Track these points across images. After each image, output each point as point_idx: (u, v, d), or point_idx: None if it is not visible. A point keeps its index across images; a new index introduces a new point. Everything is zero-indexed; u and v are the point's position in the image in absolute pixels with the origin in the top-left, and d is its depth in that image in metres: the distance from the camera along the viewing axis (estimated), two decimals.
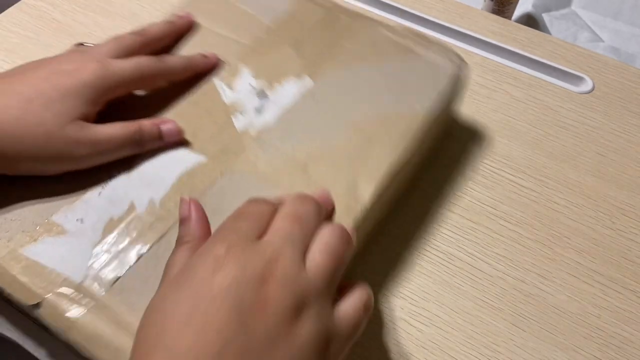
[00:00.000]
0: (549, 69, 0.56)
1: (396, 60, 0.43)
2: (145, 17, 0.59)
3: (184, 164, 0.37)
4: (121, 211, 0.35)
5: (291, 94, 0.41)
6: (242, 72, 0.42)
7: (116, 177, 0.36)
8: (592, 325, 0.40)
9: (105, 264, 0.33)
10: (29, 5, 0.60)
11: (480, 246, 0.43)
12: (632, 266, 0.43)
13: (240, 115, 0.40)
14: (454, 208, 0.45)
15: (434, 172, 0.47)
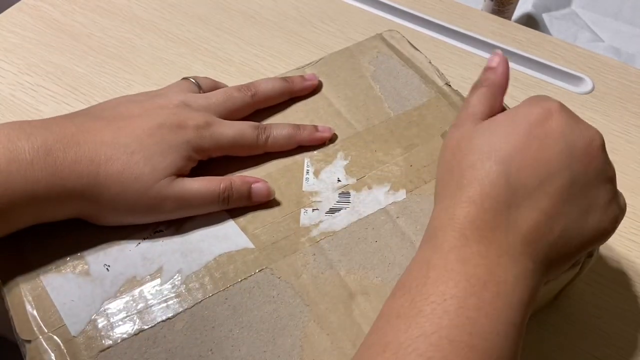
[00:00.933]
0: (548, 69, 0.56)
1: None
2: (145, 17, 0.59)
3: (229, 244, 0.34)
4: (146, 273, 0.32)
5: (376, 204, 0.36)
6: (337, 161, 0.38)
7: (161, 232, 0.34)
8: (592, 325, 0.40)
9: (104, 327, 0.31)
10: (29, 5, 0.60)
11: None
12: (632, 266, 0.43)
13: (310, 210, 0.35)
14: None
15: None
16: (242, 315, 0.31)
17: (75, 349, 0.30)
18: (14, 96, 0.52)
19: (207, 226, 0.34)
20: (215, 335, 0.31)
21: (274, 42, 0.58)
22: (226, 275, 0.33)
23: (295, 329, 0.31)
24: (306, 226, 0.35)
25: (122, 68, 0.55)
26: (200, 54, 0.56)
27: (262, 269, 0.33)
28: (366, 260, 0.33)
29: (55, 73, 0.54)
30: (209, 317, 0.31)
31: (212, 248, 0.33)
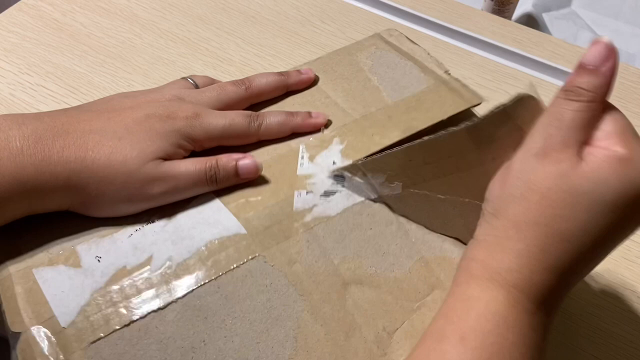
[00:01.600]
0: (549, 69, 0.56)
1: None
2: (145, 16, 0.59)
3: (220, 229, 0.33)
4: (136, 262, 0.32)
5: (369, 191, 0.35)
6: (332, 146, 0.37)
7: (153, 222, 0.33)
8: (592, 325, 0.40)
9: (95, 318, 0.30)
10: (29, 5, 0.60)
11: None
12: (632, 266, 0.43)
13: (304, 193, 0.34)
14: None
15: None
16: (235, 305, 0.31)
17: (65, 340, 0.30)
18: (14, 96, 0.52)
19: (199, 213, 0.34)
20: (207, 325, 0.30)
21: (274, 42, 0.58)
22: (218, 262, 0.32)
23: (289, 319, 0.31)
24: (300, 210, 0.34)
25: (122, 68, 0.55)
26: (200, 54, 0.56)
27: (255, 256, 0.32)
28: (360, 248, 0.33)
29: (55, 73, 0.54)
30: (201, 307, 0.31)
31: (203, 234, 0.33)
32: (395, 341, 0.31)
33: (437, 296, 0.32)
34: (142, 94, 0.37)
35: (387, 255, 0.33)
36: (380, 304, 0.32)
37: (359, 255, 0.33)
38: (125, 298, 0.31)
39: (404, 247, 0.33)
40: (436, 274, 0.33)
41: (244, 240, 0.33)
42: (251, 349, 0.30)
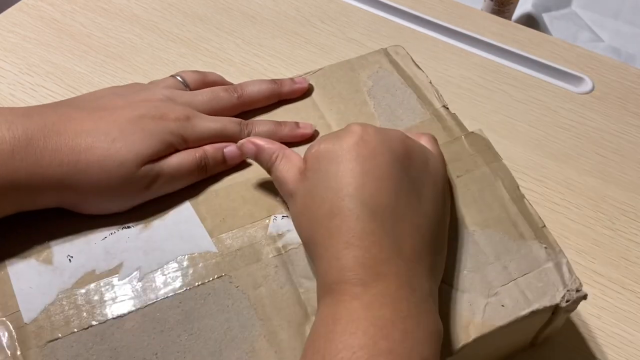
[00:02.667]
0: (549, 69, 0.56)
1: (498, 243, 0.34)
2: (145, 17, 0.59)
3: (192, 246, 0.33)
4: (106, 268, 0.32)
5: None
6: None
7: (128, 228, 0.34)
8: (592, 325, 0.40)
9: (56, 318, 0.30)
10: (29, 5, 0.60)
11: None
12: (632, 266, 0.43)
13: (280, 217, 0.34)
14: None
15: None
16: (194, 322, 0.31)
17: (25, 336, 0.30)
18: (14, 96, 0.52)
19: (175, 225, 0.34)
20: (162, 339, 0.30)
21: (274, 42, 0.58)
22: (184, 277, 0.32)
23: (244, 342, 0.30)
24: (273, 235, 0.33)
25: (122, 68, 0.55)
26: (200, 54, 0.56)
27: (221, 275, 0.32)
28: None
29: (55, 73, 0.54)
30: (160, 319, 0.31)
31: (174, 248, 0.33)
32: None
33: None
34: (133, 92, 0.36)
35: None
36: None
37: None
38: (88, 302, 0.31)
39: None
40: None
41: (214, 258, 0.33)
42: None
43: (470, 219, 0.35)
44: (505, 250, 0.33)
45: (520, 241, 0.34)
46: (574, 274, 0.33)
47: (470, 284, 0.32)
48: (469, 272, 0.33)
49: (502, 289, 0.32)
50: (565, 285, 0.32)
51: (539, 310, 0.32)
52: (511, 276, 0.33)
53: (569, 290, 0.32)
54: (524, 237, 0.34)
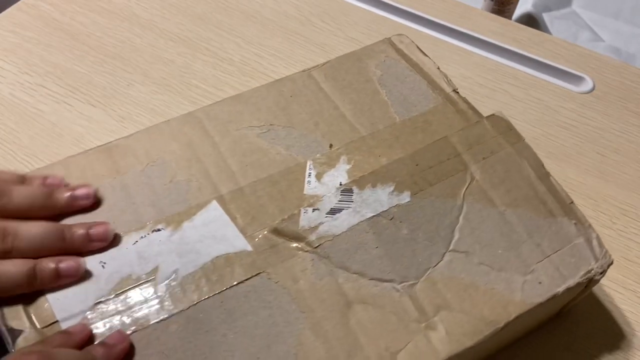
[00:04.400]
0: (549, 68, 0.56)
1: (526, 218, 0.35)
2: (145, 16, 0.59)
3: (227, 246, 0.33)
4: (142, 272, 0.32)
5: (378, 205, 0.34)
6: (339, 165, 0.36)
7: (159, 231, 0.33)
8: (592, 325, 0.40)
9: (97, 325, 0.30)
10: (29, 5, 0.60)
11: None
12: (632, 266, 0.43)
13: (311, 210, 0.34)
14: None
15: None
16: (237, 320, 0.31)
17: None
18: (14, 95, 0.52)
19: (205, 226, 0.34)
20: (209, 339, 0.30)
21: (274, 41, 0.58)
22: (223, 278, 0.32)
23: (290, 336, 0.30)
24: (305, 228, 0.34)
25: (121, 67, 0.55)
26: (200, 53, 0.56)
27: (259, 272, 0.32)
28: (365, 267, 0.32)
29: (55, 72, 0.54)
30: (204, 320, 0.31)
31: (209, 249, 0.33)
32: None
33: (444, 317, 0.31)
34: None
35: (393, 274, 0.32)
36: (384, 324, 0.31)
37: (364, 274, 0.32)
38: (128, 308, 0.31)
39: (411, 266, 0.33)
40: (442, 294, 0.32)
41: (250, 257, 0.33)
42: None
43: (499, 199, 0.35)
44: (537, 228, 0.34)
45: (550, 218, 0.35)
46: (604, 247, 0.34)
47: (506, 262, 0.33)
48: (504, 251, 0.33)
49: (537, 266, 0.33)
50: (596, 259, 0.34)
51: (576, 285, 0.33)
52: (545, 253, 0.33)
53: (601, 263, 0.34)
54: (554, 214, 0.35)
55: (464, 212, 0.35)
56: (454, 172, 0.36)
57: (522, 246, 0.34)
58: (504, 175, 0.36)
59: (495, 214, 0.35)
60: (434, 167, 0.36)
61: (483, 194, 0.35)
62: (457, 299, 0.32)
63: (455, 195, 0.35)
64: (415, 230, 0.34)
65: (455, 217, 0.34)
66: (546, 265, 0.33)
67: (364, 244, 0.33)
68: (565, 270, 0.33)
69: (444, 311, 0.31)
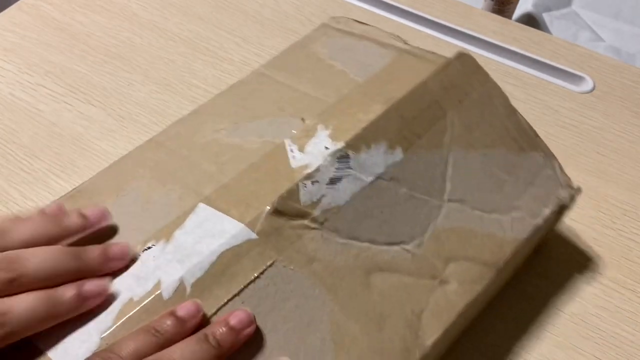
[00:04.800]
0: (549, 68, 0.56)
1: (502, 157, 0.36)
2: (145, 16, 0.59)
3: (229, 239, 0.30)
4: (143, 291, 0.28)
5: (376, 167, 0.33)
6: (319, 133, 0.35)
7: (150, 248, 0.30)
8: (592, 325, 0.40)
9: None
10: (29, 5, 0.60)
11: None
12: (632, 266, 0.43)
13: (309, 182, 0.32)
14: None
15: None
16: (265, 318, 0.29)
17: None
18: (14, 95, 0.52)
19: (198, 227, 0.31)
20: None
21: (274, 41, 0.58)
22: (235, 276, 0.29)
23: (321, 322, 0.29)
24: (308, 204, 0.31)
25: (121, 67, 0.55)
26: (200, 53, 0.56)
27: (272, 262, 0.30)
28: (374, 235, 0.32)
29: (54, 72, 0.54)
30: None
31: (211, 247, 0.30)
32: (425, 322, 0.31)
33: (453, 269, 0.32)
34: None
35: (401, 236, 0.32)
36: (403, 288, 0.31)
37: (374, 241, 0.32)
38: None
39: (415, 225, 0.33)
40: (447, 247, 0.32)
41: (257, 246, 0.30)
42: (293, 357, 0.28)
43: (478, 142, 0.36)
44: (513, 166, 0.35)
45: (522, 154, 0.36)
46: (564, 171, 0.37)
47: (495, 204, 0.34)
48: (491, 193, 0.34)
49: (519, 203, 0.35)
50: (562, 185, 0.36)
51: (552, 214, 0.35)
52: (523, 189, 0.35)
53: (567, 188, 0.36)
54: (524, 149, 0.36)
55: (451, 161, 0.35)
56: (435, 119, 0.36)
57: (504, 185, 0.35)
58: (479, 118, 0.36)
59: (478, 158, 0.35)
60: (417, 117, 0.35)
61: (464, 139, 0.35)
62: (460, 249, 0.32)
63: (440, 144, 0.35)
64: (413, 187, 0.34)
65: (444, 167, 0.34)
66: (525, 200, 0.35)
67: (369, 210, 0.32)
68: (541, 201, 0.35)
69: (452, 263, 0.32)
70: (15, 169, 0.47)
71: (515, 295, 0.41)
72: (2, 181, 0.46)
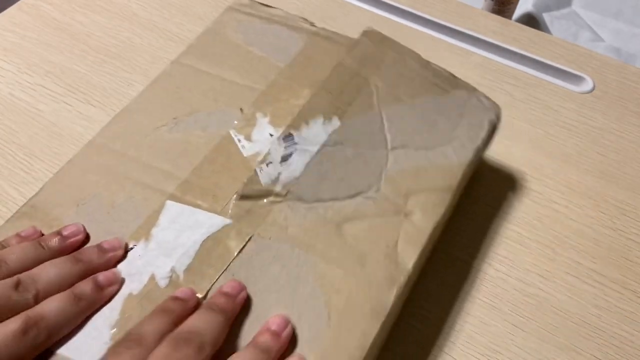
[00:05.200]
0: (549, 68, 0.56)
1: (430, 102, 0.40)
2: (145, 16, 0.59)
3: (207, 227, 0.34)
4: (140, 285, 0.32)
5: (319, 137, 0.37)
6: (259, 121, 0.38)
7: (132, 249, 0.33)
8: (592, 325, 0.40)
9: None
10: (29, 5, 0.60)
11: (481, 247, 0.43)
12: (632, 266, 0.43)
13: (264, 166, 0.36)
14: (454, 208, 0.45)
15: None
16: (256, 284, 0.32)
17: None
18: (14, 95, 0.52)
19: (173, 223, 0.34)
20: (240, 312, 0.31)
21: None
22: (221, 256, 0.33)
23: (308, 274, 0.32)
24: (269, 183, 0.35)
25: (121, 67, 0.55)
26: None
27: (250, 237, 0.33)
28: (335, 192, 0.35)
29: (54, 72, 0.54)
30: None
31: (192, 238, 0.33)
32: (401, 250, 0.34)
33: (414, 201, 0.36)
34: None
35: (359, 188, 0.36)
36: (374, 229, 0.34)
37: (337, 198, 0.35)
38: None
39: (369, 175, 0.37)
40: (403, 185, 0.36)
41: (233, 228, 0.34)
42: (290, 312, 0.31)
43: (404, 95, 0.40)
44: (440, 105, 0.40)
45: (446, 94, 0.41)
46: (486, 96, 0.42)
47: (434, 141, 0.39)
48: (428, 133, 0.39)
49: (456, 133, 0.39)
50: (488, 108, 0.41)
51: (487, 134, 0.40)
52: (457, 121, 0.40)
53: (493, 109, 0.41)
54: (447, 90, 0.41)
55: (385, 116, 0.39)
56: (360, 87, 0.40)
57: (438, 123, 0.39)
58: (398, 76, 0.41)
59: (407, 108, 0.40)
60: (344, 89, 0.40)
61: (391, 96, 0.40)
62: (415, 184, 0.36)
63: (371, 105, 0.39)
64: (357, 145, 0.37)
65: (381, 122, 0.39)
66: (461, 130, 0.39)
67: (324, 174, 0.36)
68: (475, 127, 0.40)
69: (411, 197, 0.36)
70: (15, 169, 0.47)
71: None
72: (2, 181, 0.46)
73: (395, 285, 0.33)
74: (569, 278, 0.42)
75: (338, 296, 0.32)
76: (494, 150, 0.49)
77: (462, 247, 0.43)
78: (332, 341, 0.30)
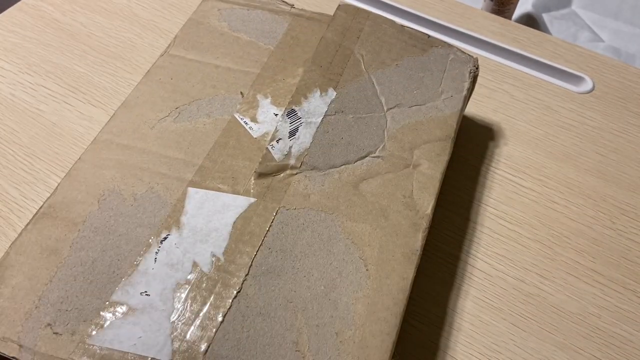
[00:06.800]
0: (549, 69, 0.56)
1: (412, 62, 0.43)
2: (145, 16, 0.59)
3: (234, 209, 0.35)
4: (185, 274, 0.32)
5: (320, 108, 0.40)
6: (261, 102, 0.40)
7: (167, 239, 0.34)
8: (592, 325, 0.40)
9: (190, 335, 0.30)
10: (29, 5, 0.60)
11: (480, 246, 0.43)
12: (632, 266, 0.43)
13: (275, 143, 0.38)
14: (454, 208, 0.45)
15: None
16: (293, 251, 0.34)
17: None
18: (14, 95, 0.52)
19: (200, 209, 0.35)
20: (285, 279, 0.33)
21: None
22: (253, 233, 0.34)
23: (338, 233, 0.34)
24: (282, 158, 0.37)
25: (122, 67, 0.55)
26: None
27: (277, 210, 0.35)
28: (345, 157, 0.38)
29: (55, 72, 0.54)
30: (269, 269, 0.33)
31: (222, 221, 0.34)
32: (417, 198, 0.36)
33: (418, 154, 0.38)
34: None
35: (366, 149, 0.38)
36: (388, 183, 0.37)
37: (348, 161, 0.38)
38: (203, 304, 0.31)
39: (373, 136, 0.39)
40: (406, 140, 0.39)
41: (259, 205, 0.35)
42: (330, 272, 0.33)
43: (388, 59, 0.43)
44: (423, 64, 0.43)
45: (425, 54, 0.44)
46: (462, 50, 0.45)
47: (424, 96, 0.41)
48: (417, 90, 0.42)
49: (443, 87, 0.42)
50: (467, 61, 0.44)
51: (470, 84, 0.43)
52: (441, 75, 0.43)
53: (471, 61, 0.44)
54: (425, 49, 0.44)
55: (375, 81, 0.42)
56: (347, 57, 0.43)
57: (424, 80, 0.42)
58: (378, 42, 0.44)
59: (393, 70, 0.43)
60: (332, 62, 0.42)
61: (376, 62, 0.43)
62: (416, 138, 0.39)
63: (360, 72, 0.42)
64: (355, 111, 0.40)
65: (372, 87, 0.41)
66: (447, 83, 0.42)
67: (331, 141, 0.38)
68: (458, 79, 0.43)
69: (416, 150, 0.39)
70: (16, 169, 0.47)
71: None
72: (2, 181, 0.46)
73: (420, 230, 0.35)
74: (569, 278, 0.42)
75: (370, 249, 0.34)
76: (494, 150, 0.49)
77: (462, 247, 0.43)
78: (376, 290, 0.33)
